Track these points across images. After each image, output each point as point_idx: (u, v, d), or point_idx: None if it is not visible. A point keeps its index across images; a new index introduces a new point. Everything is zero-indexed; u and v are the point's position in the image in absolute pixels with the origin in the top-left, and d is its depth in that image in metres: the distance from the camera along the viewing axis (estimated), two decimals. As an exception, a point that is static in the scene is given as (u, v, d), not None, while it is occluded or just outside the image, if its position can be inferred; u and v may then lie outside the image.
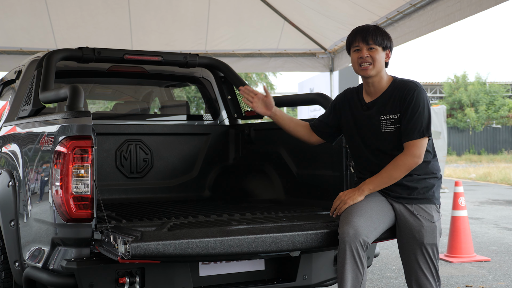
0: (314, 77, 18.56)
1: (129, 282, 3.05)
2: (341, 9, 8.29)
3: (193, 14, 9.57)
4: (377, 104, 3.29)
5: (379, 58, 3.25)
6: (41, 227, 3.24)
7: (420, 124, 3.15)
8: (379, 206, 3.20)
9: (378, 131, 3.27)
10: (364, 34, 3.26)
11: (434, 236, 3.17)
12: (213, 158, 4.98)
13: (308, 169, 4.17)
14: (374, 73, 3.26)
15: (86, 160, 3.04)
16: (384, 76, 3.30)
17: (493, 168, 21.29)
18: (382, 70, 3.29)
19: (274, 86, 28.75)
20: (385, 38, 3.28)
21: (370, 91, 3.34)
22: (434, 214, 3.20)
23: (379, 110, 3.27)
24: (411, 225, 3.18)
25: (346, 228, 3.05)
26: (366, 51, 3.24)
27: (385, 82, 3.30)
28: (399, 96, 3.22)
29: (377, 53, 3.24)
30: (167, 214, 3.74)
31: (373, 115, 3.29)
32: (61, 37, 9.40)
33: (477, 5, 5.98)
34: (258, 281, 3.48)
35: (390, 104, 3.24)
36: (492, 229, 8.67)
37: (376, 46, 3.24)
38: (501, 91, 35.78)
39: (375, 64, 3.24)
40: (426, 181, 3.22)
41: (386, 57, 3.30)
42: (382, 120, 3.26)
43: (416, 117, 3.15)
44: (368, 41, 3.23)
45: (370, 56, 3.24)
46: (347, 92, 3.50)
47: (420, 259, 3.16)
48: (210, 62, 4.92)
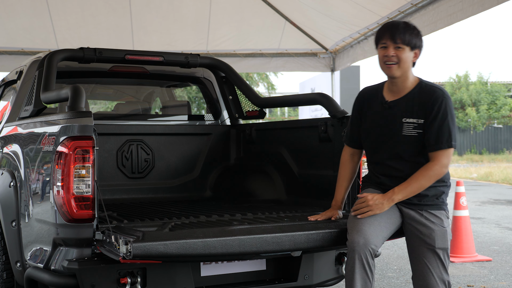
0: (315, 77, 18.58)
1: (130, 282, 3.05)
2: (343, 8, 8.28)
3: (195, 14, 9.57)
4: (401, 104, 3.16)
5: (406, 58, 3.11)
6: (42, 227, 3.24)
7: (448, 133, 3.06)
8: (387, 213, 3.14)
9: (399, 134, 3.14)
10: (392, 31, 3.11)
11: (445, 240, 3.11)
12: (214, 158, 4.98)
13: (310, 169, 4.17)
14: (399, 74, 3.13)
15: (88, 160, 3.04)
16: (410, 76, 3.17)
17: (495, 168, 21.27)
18: (408, 71, 3.15)
19: (275, 86, 28.74)
20: (415, 37, 3.12)
21: (393, 90, 3.20)
22: (444, 219, 3.15)
23: (402, 111, 3.14)
24: (422, 230, 3.12)
25: (356, 237, 3.02)
26: (392, 49, 3.11)
27: (410, 83, 3.17)
28: (426, 101, 3.09)
29: (404, 52, 3.10)
30: (168, 214, 3.74)
31: (395, 116, 3.16)
32: (62, 38, 9.40)
33: (479, 5, 5.97)
34: (260, 281, 3.48)
35: (415, 107, 3.11)
36: (494, 229, 8.66)
37: (404, 46, 3.09)
38: (503, 90, 35.73)
39: (400, 64, 3.11)
40: (436, 189, 3.15)
41: (414, 56, 3.15)
42: (404, 123, 3.13)
43: (445, 126, 3.05)
44: (396, 40, 3.09)
45: (396, 55, 3.10)
46: (365, 92, 3.36)
47: (431, 263, 3.09)
48: (211, 62, 4.92)
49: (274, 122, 5.11)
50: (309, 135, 4.14)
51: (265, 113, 4.90)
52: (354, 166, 3.43)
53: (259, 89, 27.68)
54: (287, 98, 4.98)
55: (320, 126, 4.00)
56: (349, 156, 3.43)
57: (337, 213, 3.42)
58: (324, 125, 3.97)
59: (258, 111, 4.91)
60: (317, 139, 4.05)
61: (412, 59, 3.14)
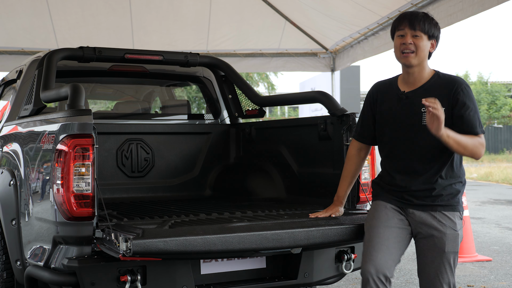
0: (316, 77, 18.56)
1: (130, 280, 3.05)
2: (343, 8, 8.29)
3: (195, 14, 9.58)
4: (419, 94, 3.04)
5: (423, 46, 3.02)
6: (42, 225, 3.25)
7: (478, 119, 2.98)
8: (397, 236, 3.06)
9: (419, 124, 3.02)
10: (411, 19, 3.04)
11: (455, 244, 3.01)
12: (214, 157, 4.98)
13: (309, 167, 4.17)
14: (416, 62, 3.04)
15: (87, 159, 3.04)
16: (426, 67, 3.08)
17: (495, 168, 21.27)
18: (425, 60, 3.06)
19: (275, 86, 28.74)
20: (433, 26, 3.05)
21: (409, 81, 3.10)
22: (457, 221, 3.04)
23: (420, 101, 2.97)
24: (433, 233, 3.01)
25: (367, 266, 3.01)
26: (410, 37, 3.02)
27: (426, 74, 3.08)
28: (448, 89, 3.00)
29: (421, 41, 3.02)
30: (168, 212, 3.75)
31: (413, 107, 3.05)
32: (62, 37, 9.41)
33: (479, 5, 5.98)
34: (260, 279, 3.49)
35: (434, 96, 2.94)
36: (494, 229, 8.66)
37: (422, 34, 3.01)
38: (503, 90, 35.77)
39: (418, 52, 3.02)
40: (451, 187, 3.04)
41: (431, 47, 3.07)
42: (423, 112, 2.99)
43: (474, 113, 2.97)
44: (415, 27, 3.02)
45: (413, 43, 3.02)
46: (379, 85, 3.25)
47: (440, 268, 3.00)
48: (211, 61, 4.93)
49: (274, 121, 5.11)
50: (309, 133, 4.14)
51: (265, 112, 4.90)
52: (360, 161, 3.36)
53: (259, 89, 27.67)
54: (286, 97, 4.99)
55: (319, 124, 4.00)
56: (356, 150, 3.35)
57: (338, 210, 3.40)
58: (323, 123, 3.97)
59: (258, 110, 4.92)
60: (317, 137, 4.05)
61: (429, 49, 3.07)
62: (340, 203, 3.42)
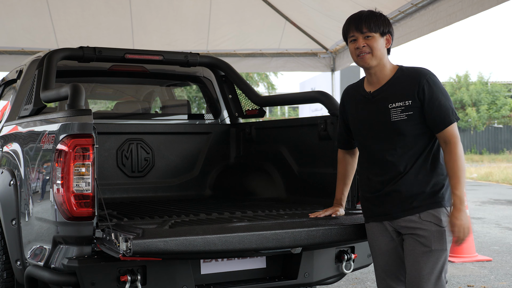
0: (316, 77, 18.56)
1: (130, 280, 3.04)
2: (343, 8, 8.28)
3: (195, 14, 9.58)
4: (383, 92, 3.00)
5: (377, 45, 2.97)
6: (42, 225, 3.25)
7: (450, 107, 2.91)
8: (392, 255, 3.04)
9: (389, 121, 2.95)
10: (357, 22, 3.00)
11: (442, 241, 2.88)
12: (214, 157, 4.98)
13: (309, 167, 4.18)
14: (375, 63, 2.99)
15: (87, 158, 3.04)
16: (387, 63, 3.03)
17: (495, 168, 21.27)
18: (384, 58, 3.01)
19: (275, 86, 28.73)
20: (381, 23, 2.99)
21: (373, 81, 3.05)
22: (443, 217, 2.89)
23: (387, 98, 2.97)
24: (417, 232, 2.90)
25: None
26: (362, 40, 2.98)
27: (388, 70, 3.02)
28: (410, 82, 2.93)
29: (374, 41, 2.97)
30: (168, 212, 3.75)
31: (380, 105, 3.00)
32: (62, 37, 9.41)
33: (479, 5, 5.97)
34: (260, 279, 3.49)
35: (400, 91, 2.95)
36: (494, 229, 8.66)
37: (372, 33, 2.96)
38: (503, 90, 35.76)
39: (374, 52, 2.97)
40: (434, 183, 2.92)
41: (387, 43, 3.02)
42: (391, 109, 2.95)
43: (444, 102, 2.89)
44: (362, 30, 2.97)
45: (367, 45, 2.97)
46: (348, 90, 3.23)
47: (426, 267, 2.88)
48: (211, 61, 4.93)
49: (274, 121, 5.11)
50: (309, 133, 4.14)
51: (265, 112, 4.90)
52: (349, 164, 3.35)
53: (259, 89, 27.66)
54: (286, 97, 4.99)
55: (319, 124, 4.00)
56: (342, 154, 3.36)
57: (338, 210, 3.39)
58: (323, 123, 3.97)
59: (258, 109, 4.92)
60: (317, 137, 4.05)
61: (385, 45, 3.01)
62: (340, 205, 3.41)
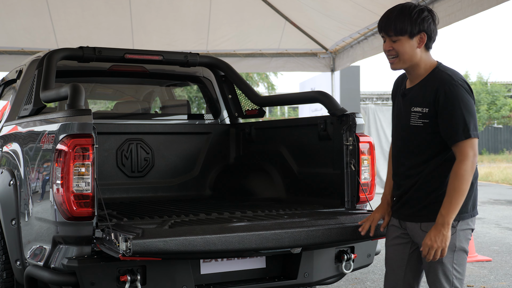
0: (315, 77, 18.52)
1: (130, 280, 3.05)
2: (342, 9, 8.29)
3: (195, 14, 9.58)
4: (412, 92, 2.88)
5: (404, 49, 2.79)
6: (42, 225, 3.25)
7: (463, 123, 2.69)
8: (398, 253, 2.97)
9: (408, 124, 2.86)
10: (384, 23, 2.83)
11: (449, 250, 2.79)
12: (214, 157, 4.98)
13: (309, 167, 4.17)
14: (403, 66, 2.85)
15: (87, 158, 3.04)
16: (421, 63, 2.83)
17: (495, 168, 21.26)
18: (414, 59, 2.81)
19: (275, 86, 28.73)
20: (411, 22, 2.76)
21: (410, 78, 2.91)
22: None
23: (413, 99, 2.85)
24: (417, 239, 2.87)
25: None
26: (389, 43, 2.83)
27: (422, 69, 2.84)
28: (431, 89, 2.78)
29: (401, 45, 2.79)
30: (168, 212, 3.75)
31: (407, 104, 2.88)
32: (62, 38, 9.41)
33: (478, 5, 5.97)
34: (260, 279, 3.49)
35: (421, 95, 2.81)
36: (494, 229, 8.66)
37: (399, 37, 2.78)
38: (503, 91, 35.76)
39: (400, 56, 2.81)
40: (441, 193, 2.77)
41: (420, 42, 2.79)
42: (412, 112, 2.84)
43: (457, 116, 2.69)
44: (388, 32, 2.81)
45: (393, 48, 2.82)
46: (398, 79, 3.06)
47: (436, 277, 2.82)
48: (211, 61, 4.93)
49: (274, 121, 5.11)
50: (309, 133, 4.14)
51: (265, 112, 4.90)
52: None
53: (259, 89, 27.66)
54: (286, 97, 4.99)
55: (319, 124, 4.00)
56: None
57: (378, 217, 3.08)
58: (323, 123, 3.97)
59: (258, 109, 4.92)
60: (317, 137, 4.05)
61: (417, 45, 2.80)
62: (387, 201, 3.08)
